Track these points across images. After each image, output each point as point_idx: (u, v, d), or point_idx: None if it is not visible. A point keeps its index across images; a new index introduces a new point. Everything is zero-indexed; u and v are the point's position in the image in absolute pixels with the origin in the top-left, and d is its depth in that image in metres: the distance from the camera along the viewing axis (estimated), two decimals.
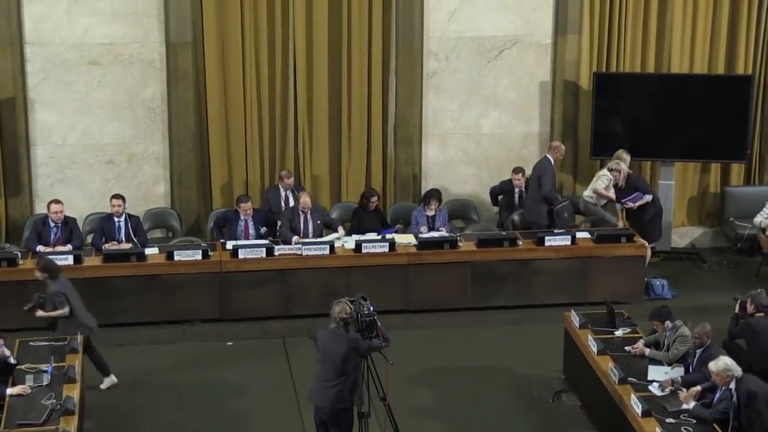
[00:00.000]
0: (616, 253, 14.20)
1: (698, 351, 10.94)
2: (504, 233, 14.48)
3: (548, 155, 14.89)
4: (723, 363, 9.93)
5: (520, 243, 14.16)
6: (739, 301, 11.86)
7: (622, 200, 14.61)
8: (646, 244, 14.29)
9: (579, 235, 14.33)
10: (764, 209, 14.83)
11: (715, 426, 9.97)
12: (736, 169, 16.34)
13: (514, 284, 14.16)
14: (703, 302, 14.16)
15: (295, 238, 13.97)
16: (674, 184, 15.73)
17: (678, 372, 10.86)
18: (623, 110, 15.52)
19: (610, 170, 14.73)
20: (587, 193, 14.90)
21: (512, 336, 13.49)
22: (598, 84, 15.38)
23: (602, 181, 14.76)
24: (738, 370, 9.93)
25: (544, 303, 14.03)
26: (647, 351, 11.31)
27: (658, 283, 14.38)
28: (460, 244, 14.12)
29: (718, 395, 10.27)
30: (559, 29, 15.66)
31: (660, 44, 15.92)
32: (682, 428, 9.95)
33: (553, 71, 15.85)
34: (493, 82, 15.80)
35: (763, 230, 14.72)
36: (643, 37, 15.88)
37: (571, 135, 15.94)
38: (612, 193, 14.67)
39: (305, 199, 14.29)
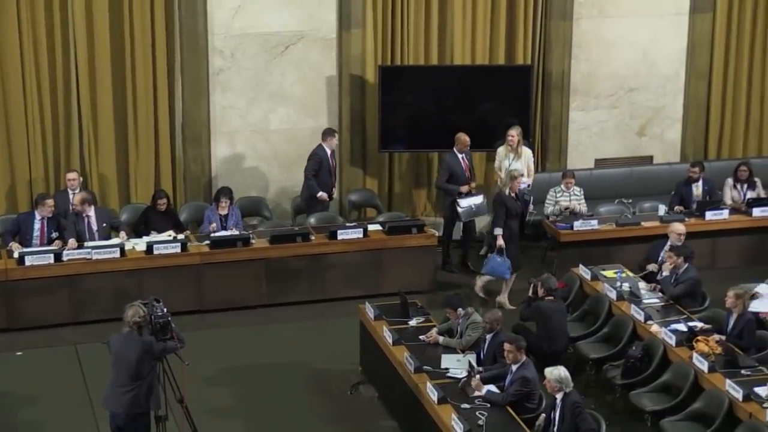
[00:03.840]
0: (407, 244, 14.38)
1: (488, 336, 11.20)
2: (296, 228, 14.50)
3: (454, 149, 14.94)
4: (557, 374, 10.03)
5: (313, 238, 14.20)
6: (531, 285, 12.19)
7: None
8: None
9: (371, 227, 14.45)
10: (549, 196, 15.25)
11: (508, 408, 10.22)
12: None
13: (308, 279, 14.18)
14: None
15: (71, 242, 13.59)
16: None
17: (471, 359, 11.08)
18: (409, 102, 15.75)
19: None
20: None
21: (308, 331, 13.52)
22: (384, 77, 15.54)
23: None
24: (570, 386, 10.04)
25: (339, 296, 14.10)
26: (441, 339, 11.50)
27: (499, 259, 14.06)
28: (253, 241, 14.07)
29: (509, 378, 10.53)
30: (343, 24, 15.75)
31: (442, 36, 16.19)
32: (477, 413, 10.15)
33: (339, 66, 15.94)
34: (280, 78, 15.79)
35: (548, 216, 15.13)
36: (425, 30, 16.12)
37: (359, 129, 16.07)
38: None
39: (76, 198, 13.92)
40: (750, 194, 15.41)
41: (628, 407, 11.27)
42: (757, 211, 15.04)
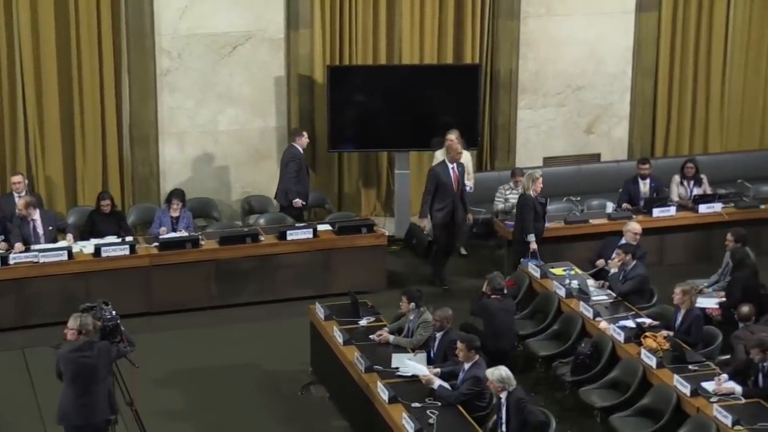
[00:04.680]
0: (357, 244, 14.37)
1: (438, 335, 11.22)
2: (246, 229, 14.46)
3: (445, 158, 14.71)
4: (499, 374, 10.05)
5: (263, 238, 14.16)
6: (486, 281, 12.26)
7: None
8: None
9: (320, 227, 14.43)
10: (498, 194, 15.29)
11: (459, 407, 10.24)
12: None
13: (258, 280, 14.14)
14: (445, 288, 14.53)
15: (17, 246, 13.46)
16: (410, 173, 16.05)
17: (421, 358, 11.10)
18: (358, 102, 15.75)
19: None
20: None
21: (258, 332, 13.47)
22: (332, 77, 15.53)
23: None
24: (513, 384, 10.07)
25: (289, 297, 14.06)
26: (391, 338, 11.51)
27: (534, 263, 13.83)
28: (202, 242, 14.01)
29: (461, 377, 10.55)
30: (291, 24, 15.73)
31: (390, 36, 16.21)
32: (428, 411, 10.16)
33: (288, 66, 15.91)
34: (228, 79, 15.73)
35: (497, 214, 15.17)
36: (374, 29, 16.14)
37: (308, 129, 16.01)
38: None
39: (20, 203, 13.80)
40: (696, 191, 15.54)
41: (578, 404, 11.33)
42: (703, 208, 15.17)
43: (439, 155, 14.92)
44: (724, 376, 10.74)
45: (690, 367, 11.05)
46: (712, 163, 16.74)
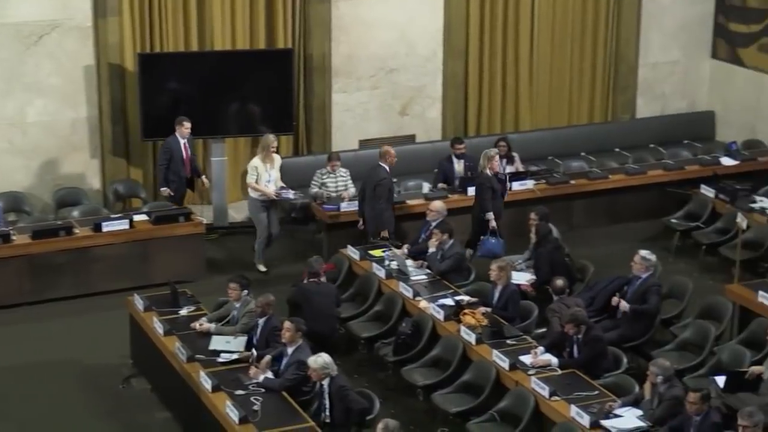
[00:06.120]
0: (175, 233, 14.22)
1: (261, 321, 11.20)
2: (59, 222, 14.14)
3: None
4: (322, 361, 10.14)
5: (77, 231, 13.88)
6: None
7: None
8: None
9: (137, 218, 14.22)
10: (314, 179, 15.30)
11: (284, 393, 10.26)
12: (285, 141, 16.78)
13: (74, 274, 13.85)
14: (264, 273, 14.50)
15: None
16: (227, 160, 15.94)
17: (241, 341, 11.07)
18: (171, 90, 15.55)
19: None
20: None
21: (76, 326, 13.21)
22: (143, 65, 15.30)
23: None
24: (335, 370, 10.17)
25: (107, 290, 13.81)
26: (212, 327, 11.44)
27: (493, 241, 14.10)
28: (14, 237, 13.64)
29: (285, 362, 10.58)
30: (99, 11, 15.41)
31: (201, 22, 16.04)
32: (251, 398, 10.16)
33: (97, 54, 15.60)
34: (35, 69, 15.34)
35: (315, 198, 15.19)
36: (184, 16, 15.94)
37: (121, 118, 15.78)
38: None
39: None
40: (509, 169, 15.83)
41: (401, 383, 11.47)
42: (516, 185, 15.48)
43: (258, 164, 14.53)
44: (541, 348, 11.03)
45: (508, 341, 11.31)
46: (524, 141, 17.10)
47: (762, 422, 9.26)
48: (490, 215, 14.08)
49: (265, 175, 14.45)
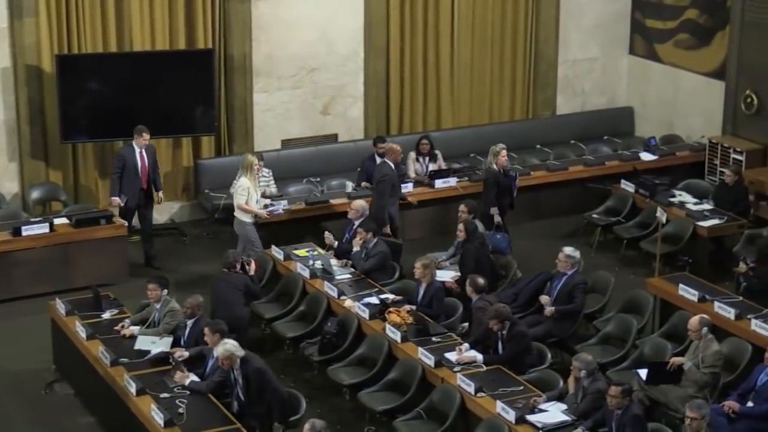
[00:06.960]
0: (96, 236, 14.10)
1: (189, 322, 11.15)
2: None
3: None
4: (224, 348, 10.16)
5: None
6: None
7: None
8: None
9: (57, 221, 14.07)
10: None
11: (209, 395, 10.21)
12: (207, 142, 16.68)
13: None
14: (189, 275, 14.43)
15: None
16: None
17: (166, 342, 11.00)
18: (90, 91, 15.42)
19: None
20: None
21: None
22: (61, 66, 15.12)
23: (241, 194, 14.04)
24: (241, 353, 10.19)
25: (28, 294, 13.66)
26: (136, 330, 11.35)
27: (498, 236, 14.10)
28: None
29: (211, 363, 10.54)
30: (15, 12, 15.20)
31: (120, 22, 15.87)
32: (177, 401, 10.10)
33: (13, 56, 15.37)
34: None
35: None
36: (102, 16, 15.76)
37: (39, 120, 15.57)
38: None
39: None
40: (432, 166, 15.93)
41: (327, 382, 11.47)
42: (439, 183, 15.57)
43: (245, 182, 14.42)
44: (466, 345, 11.10)
45: (433, 339, 11.36)
46: (446, 139, 17.17)
47: (708, 415, 9.45)
48: (495, 210, 14.19)
49: (255, 195, 14.11)
